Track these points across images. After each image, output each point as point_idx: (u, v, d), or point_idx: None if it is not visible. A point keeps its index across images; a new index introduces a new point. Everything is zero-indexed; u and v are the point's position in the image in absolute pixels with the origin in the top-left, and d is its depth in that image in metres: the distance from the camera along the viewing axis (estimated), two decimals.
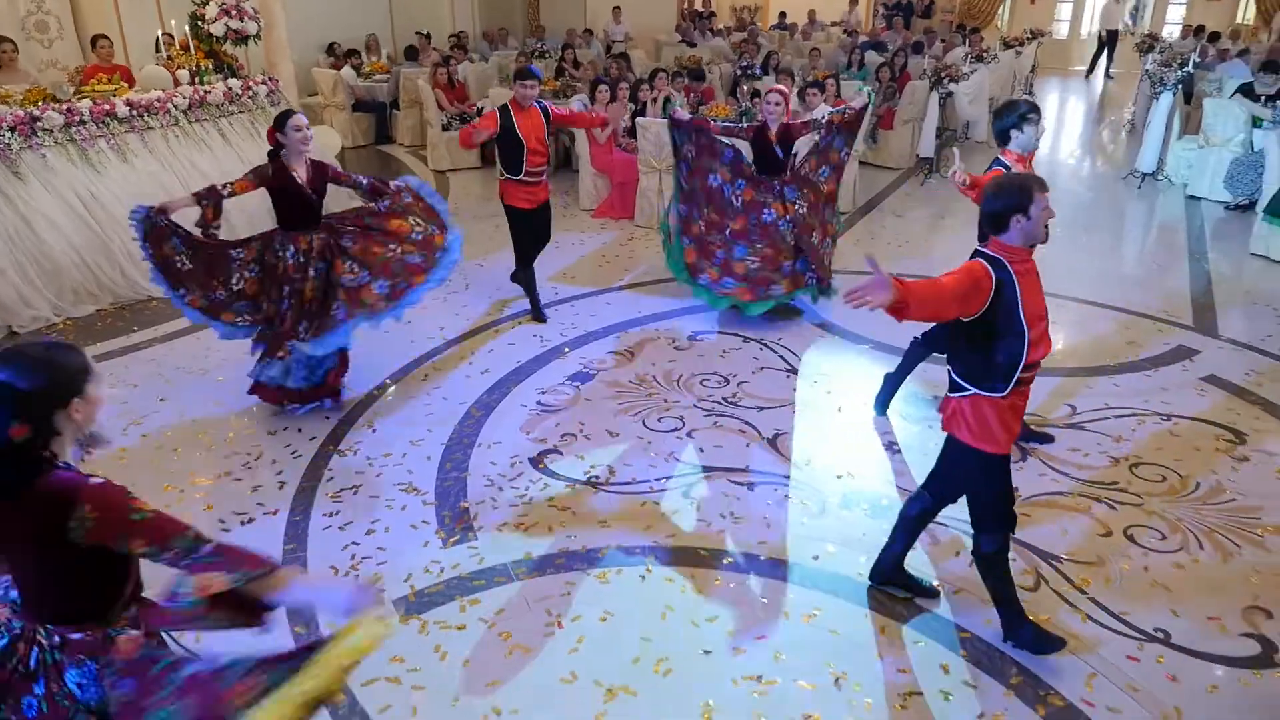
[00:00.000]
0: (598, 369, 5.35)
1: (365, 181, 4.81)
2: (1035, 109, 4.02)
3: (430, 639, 3.21)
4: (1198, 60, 11.08)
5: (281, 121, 4.51)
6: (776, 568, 3.61)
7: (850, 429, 4.69)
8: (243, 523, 3.90)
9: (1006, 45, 14.21)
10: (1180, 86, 9.85)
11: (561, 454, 4.44)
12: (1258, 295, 6.60)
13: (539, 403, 4.96)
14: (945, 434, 3.02)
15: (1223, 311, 6.27)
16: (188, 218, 4.50)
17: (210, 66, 7.60)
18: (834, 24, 18.10)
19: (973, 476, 2.97)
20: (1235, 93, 9.46)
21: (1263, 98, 9.03)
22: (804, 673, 3.06)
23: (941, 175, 9.84)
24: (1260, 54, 12.30)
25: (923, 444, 4.46)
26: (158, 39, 8.00)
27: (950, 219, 8.56)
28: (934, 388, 4.95)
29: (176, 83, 7.19)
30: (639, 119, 8.17)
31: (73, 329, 5.96)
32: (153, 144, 6.72)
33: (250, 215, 6.67)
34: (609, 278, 6.95)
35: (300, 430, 4.67)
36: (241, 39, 7.70)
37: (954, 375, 2.91)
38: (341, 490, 4.14)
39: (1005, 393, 2.80)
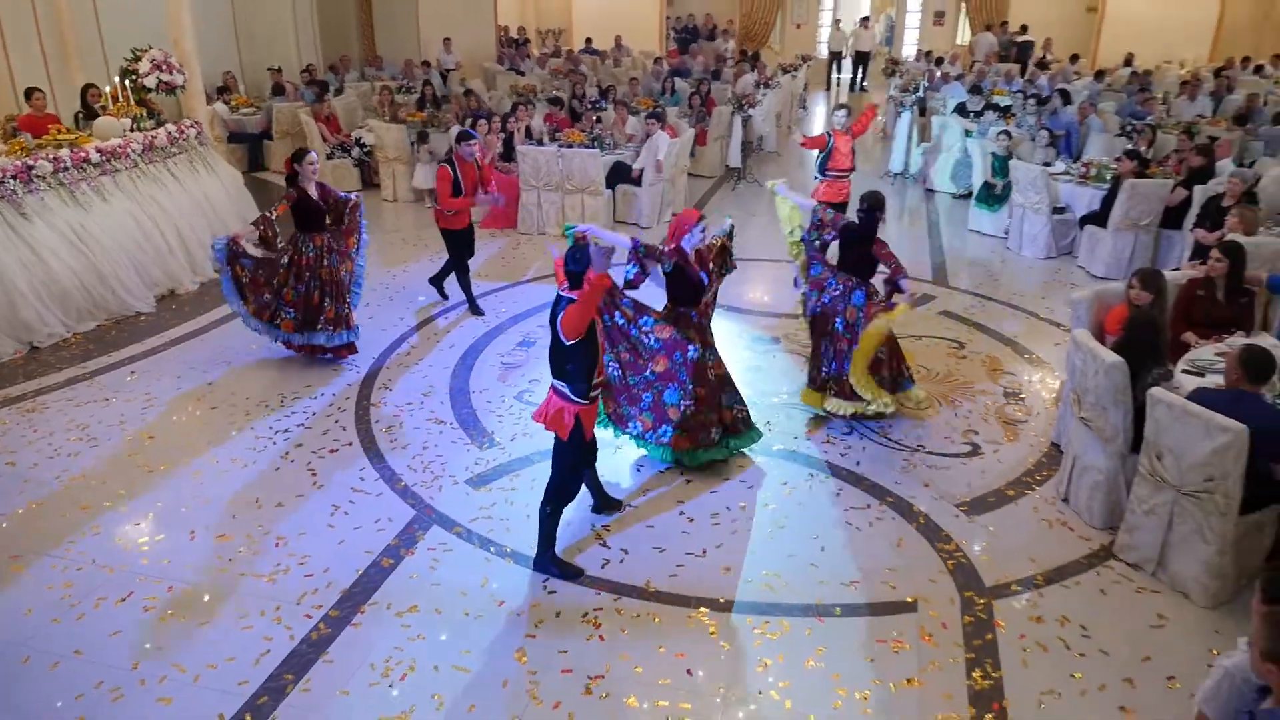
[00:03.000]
0: (536, 337, 7.27)
1: (350, 197, 6.73)
2: None
3: (497, 495, 5.09)
4: (927, 85, 14.34)
5: (299, 157, 6.33)
6: None
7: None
8: (330, 451, 5.56)
9: (784, 70, 17.16)
10: (916, 105, 12.93)
11: (533, 391, 6.35)
12: (974, 258, 9.49)
13: (503, 363, 6.83)
14: None
15: (952, 269, 9.06)
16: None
17: (145, 114, 8.78)
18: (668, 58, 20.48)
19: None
20: (953, 110, 12.64)
21: (971, 114, 12.21)
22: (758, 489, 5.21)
23: (748, 182, 12.38)
24: (973, 78, 15.82)
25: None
26: (83, 91, 9.03)
27: (758, 216, 11.06)
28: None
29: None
30: (518, 146, 10.07)
31: (84, 342, 7.15)
32: (121, 184, 7.93)
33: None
34: (514, 274, 8.84)
35: (335, 393, 6.30)
36: (170, 89, 8.94)
37: None
38: (389, 426, 5.86)
39: None
